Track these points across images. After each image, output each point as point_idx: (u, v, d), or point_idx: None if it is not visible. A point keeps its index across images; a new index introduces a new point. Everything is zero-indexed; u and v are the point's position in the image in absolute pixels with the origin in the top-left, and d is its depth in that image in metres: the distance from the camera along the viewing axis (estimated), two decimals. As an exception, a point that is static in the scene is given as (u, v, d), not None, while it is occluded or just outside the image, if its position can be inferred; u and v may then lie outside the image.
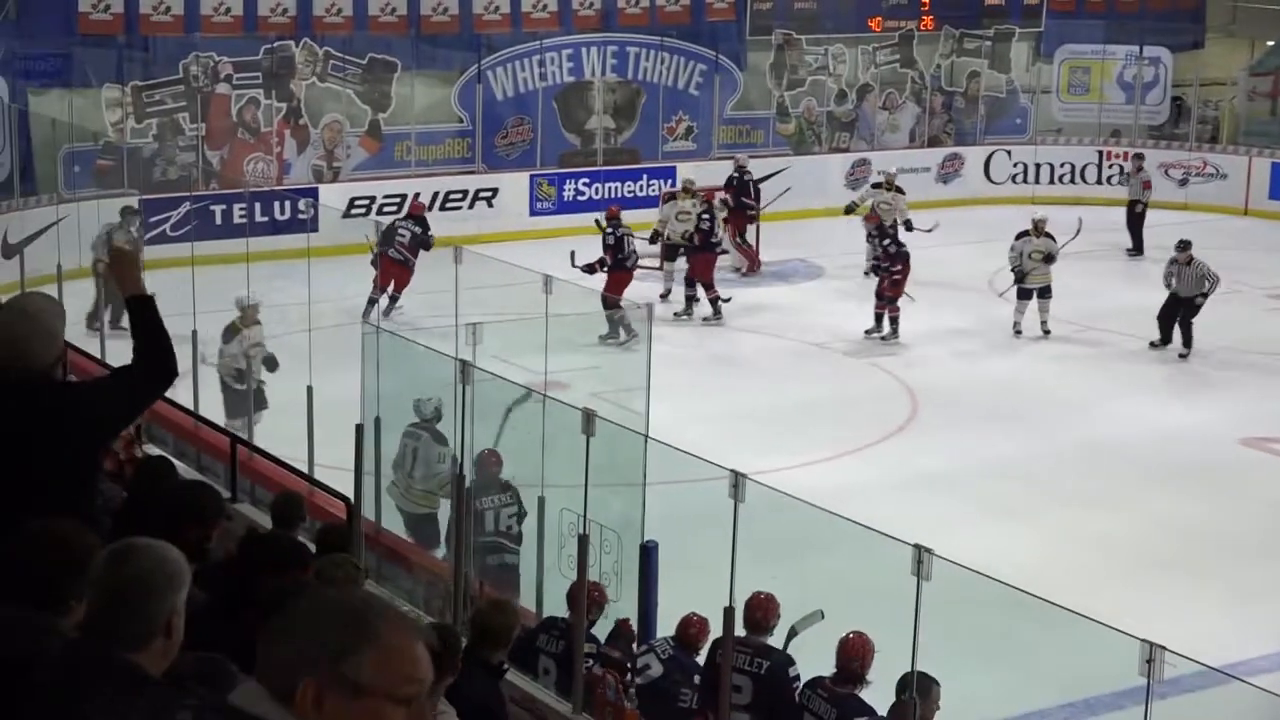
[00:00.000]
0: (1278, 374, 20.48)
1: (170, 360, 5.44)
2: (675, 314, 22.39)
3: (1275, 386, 19.76)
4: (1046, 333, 21.48)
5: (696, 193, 24.09)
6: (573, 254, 21.44)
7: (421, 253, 21.83)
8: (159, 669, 3.66)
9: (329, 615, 2.58)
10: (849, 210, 25.29)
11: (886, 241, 21.99)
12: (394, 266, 22.16)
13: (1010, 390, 19.83)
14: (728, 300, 22.12)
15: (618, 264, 22.00)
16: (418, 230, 22.89)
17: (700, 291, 22.41)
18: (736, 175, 25.94)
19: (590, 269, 21.28)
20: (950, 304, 23.63)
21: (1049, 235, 21.69)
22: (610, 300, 21.00)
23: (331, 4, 26.51)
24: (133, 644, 3.62)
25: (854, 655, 9.19)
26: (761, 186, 26.31)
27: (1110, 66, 32.26)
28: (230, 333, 16.25)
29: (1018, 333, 21.54)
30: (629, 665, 10.22)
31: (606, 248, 22.16)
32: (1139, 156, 28.44)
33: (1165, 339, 20.52)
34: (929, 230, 24.30)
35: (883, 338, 21.27)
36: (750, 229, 25.55)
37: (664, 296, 23.07)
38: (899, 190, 25.20)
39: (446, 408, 12.00)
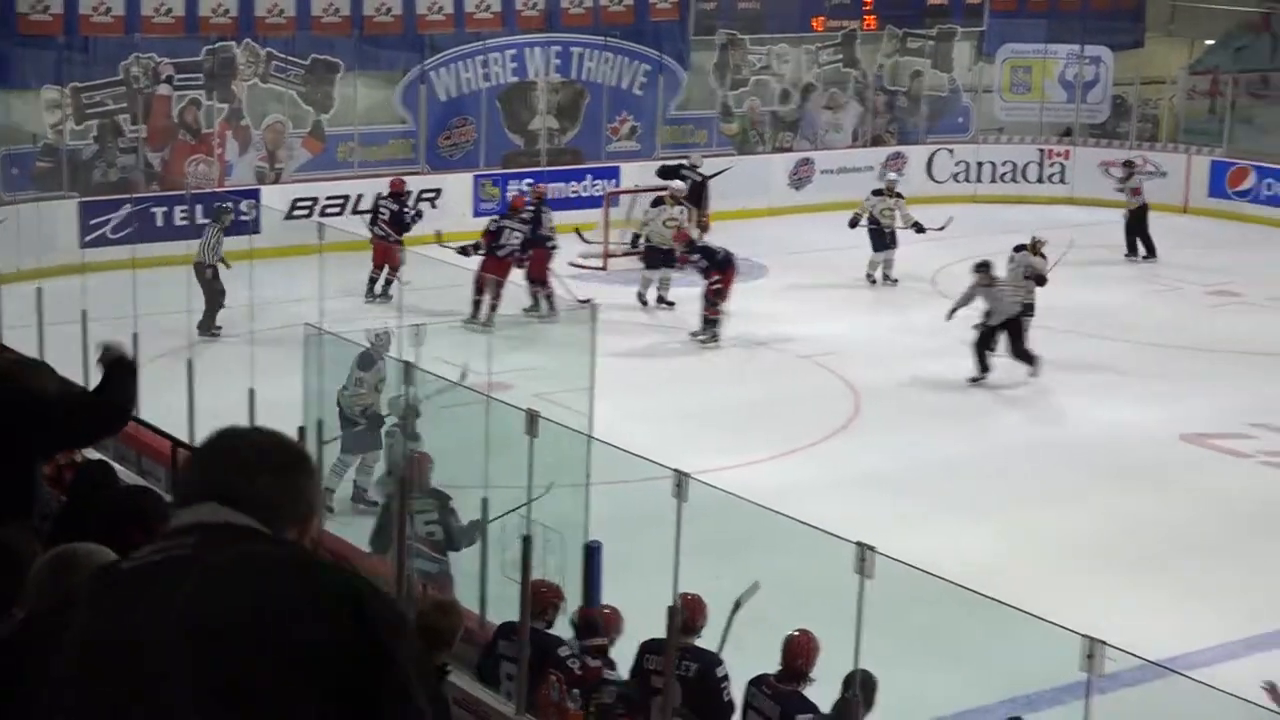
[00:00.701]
0: (1216, 370, 20.65)
1: (128, 412, 5.41)
2: (524, 309, 22.49)
3: (1213, 383, 20.01)
4: (1030, 370, 20.69)
5: (679, 199, 24.33)
6: (438, 233, 22.25)
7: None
8: None
9: (298, 455, 2.83)
10: (853, 224, 25.06)
11: (696, 256, 22.08)
12: (379, 244, 22.96)
13: (954, 388, 19.92)
14: (586, 303, 21.54)
15: (490, 250, 22.07)
16: (395, 208, 23.56)
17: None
18: (685, 167, 26.47)
19: (464, 251, 21.66)
20: (894, 301, 24.14)
21: (1043, 255, 21.23)
22: (481, 283, 21.37)
23: (273, 5, 26.50)
24: None
25: (798, 653, 9.23)
26: (711, 178, 26.83)
27: (1052, 66, 32.76)
28: (367, 362, 15.78)
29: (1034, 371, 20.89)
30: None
31: (486, 234, 22.38)
32: (1129, 164, 28.01)
33: (979, 373, 19.68)
34: (941, 228, 24.73)
35: (702, 341, 21.38)
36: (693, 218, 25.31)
37: (641, 300, 23.21)
38: (899, 195, 25.35)
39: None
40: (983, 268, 19.67)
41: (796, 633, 9.29)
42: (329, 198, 25.81)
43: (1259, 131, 31.89)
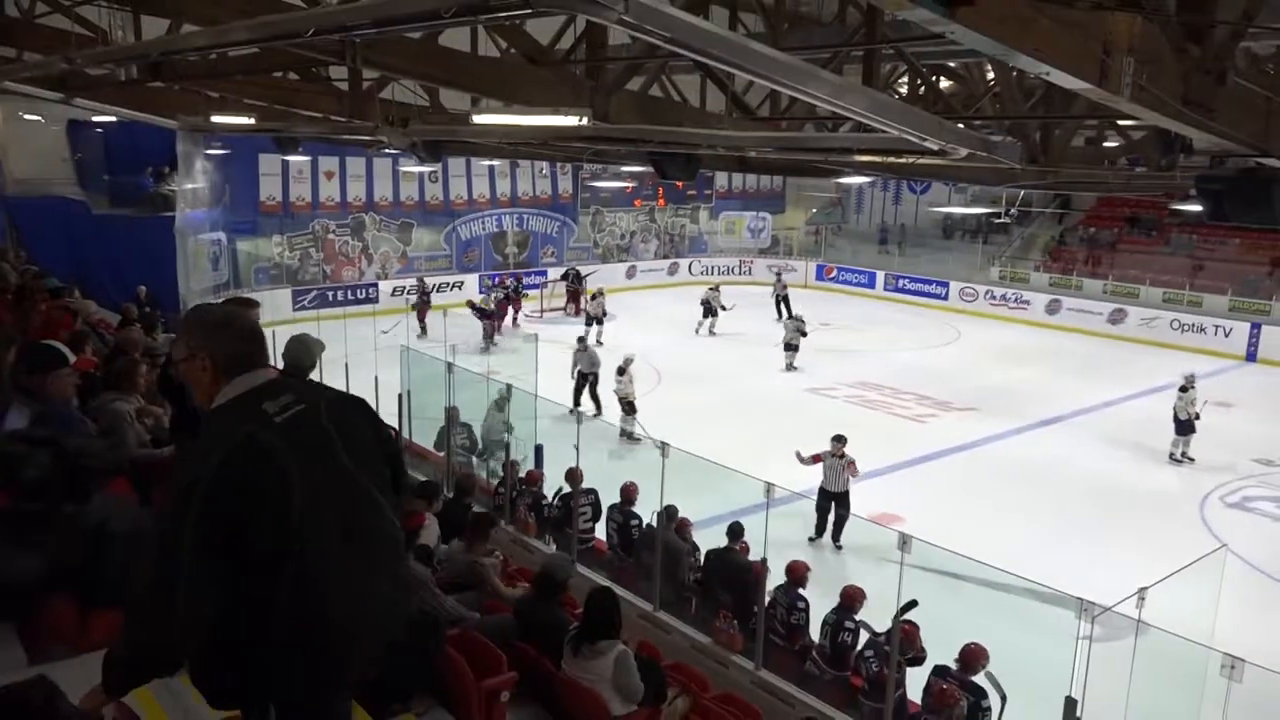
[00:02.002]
0: (821, 360, 20.17)
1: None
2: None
3: (821, 366, 19.67)
4: (794, 369, 19.49)
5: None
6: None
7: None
8: None
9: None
10: (703, 303, 23.43)
11: (478, 313, 21.24)
12: (501, 305, 22.80)
13: (708, 368, 19.44)
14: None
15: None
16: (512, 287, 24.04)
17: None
18: (571, 271, 26.50)
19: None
20: (668, 329, 23.31)
21: (801, 320, 20.12)
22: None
23: (382, 195, 26.06)
24: None
25: (631, 491, 9.08)
26: (586, 277, 26.20)
27: (743, 221, 32.90)
28: (620, 372, 15.36)
29: (789, 368, 19.54)
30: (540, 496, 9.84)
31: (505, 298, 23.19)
32: (780, 273, 27.18)
33: (575, 405, 15.49)
34: (728, 307, 23.27)
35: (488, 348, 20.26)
36: (581, 298, 25.22)
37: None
38: (718, 290, 23.94)
39: (438, 387, 11.37)
40: (582, 339, 17.14)
41: (629, 483, 9.05)
42: (410, 286, 24.05)
43: (838, 251, 31.84)
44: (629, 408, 14.83)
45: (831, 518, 11.38)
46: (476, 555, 6.06)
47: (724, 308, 23.29)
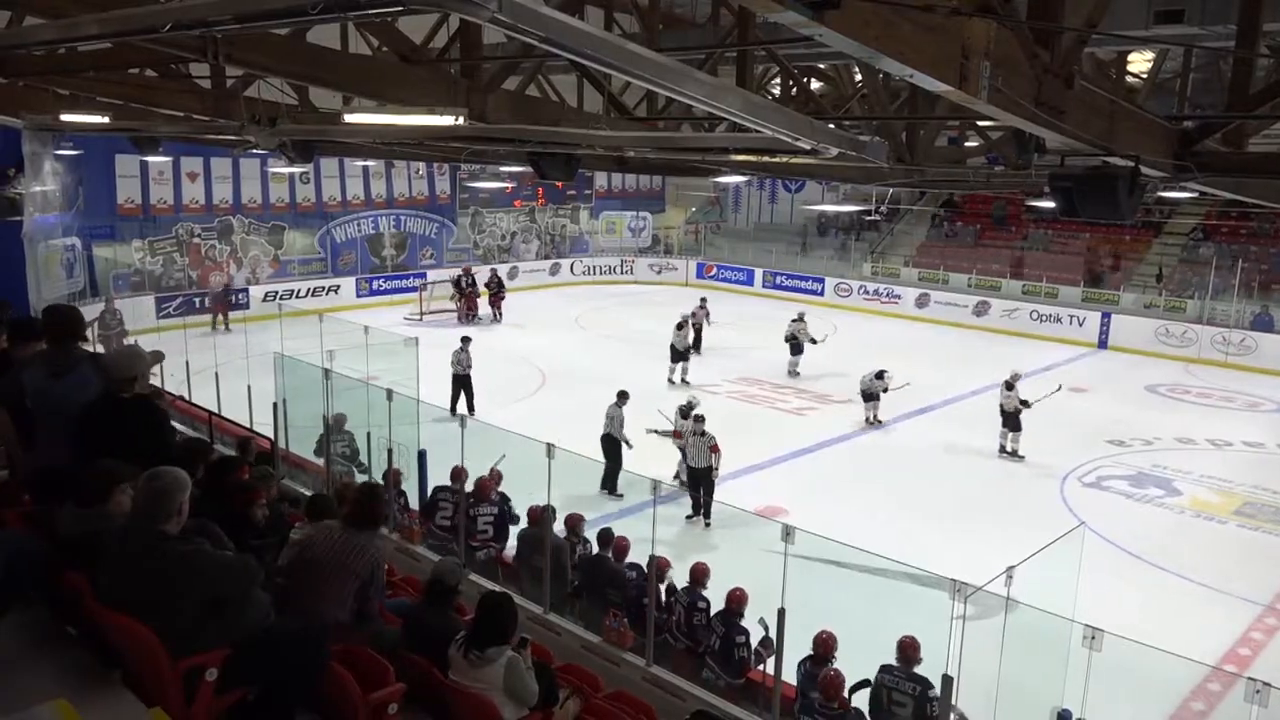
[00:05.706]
0: (706, 357, 20.44)
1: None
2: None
3: (705, 365, 19.79)
4: (878, 422, 16.39)
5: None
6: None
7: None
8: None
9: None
10: (793, 342, 19.82)
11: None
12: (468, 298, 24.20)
13: (591, 368, 19.41)
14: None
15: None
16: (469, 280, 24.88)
17: None
18: (463, 275, 25.67)
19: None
20: (552, 329, 23.44)
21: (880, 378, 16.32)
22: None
23: (251, 197, 25.40)
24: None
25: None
26: (476, 280, 25.82)
27: (624, 221, 33.07)
28: (1009, 386, 14.63)
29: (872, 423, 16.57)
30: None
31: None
32: (705, 300, 22.83)
33: (453, 410, 15.39)
34: (823, 339, 19.92)
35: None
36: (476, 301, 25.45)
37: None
38: (801, 318, 20.05)
39: (315, 397, 11.05)
40: (466, 341, 16.55)
41: (490, 478, 9.07)
42: (284, 290, 24.62)
43: (717, 249, 32.24)
44: (1014, 424, 14.61)
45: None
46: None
47: (814, 341, 19.59)
